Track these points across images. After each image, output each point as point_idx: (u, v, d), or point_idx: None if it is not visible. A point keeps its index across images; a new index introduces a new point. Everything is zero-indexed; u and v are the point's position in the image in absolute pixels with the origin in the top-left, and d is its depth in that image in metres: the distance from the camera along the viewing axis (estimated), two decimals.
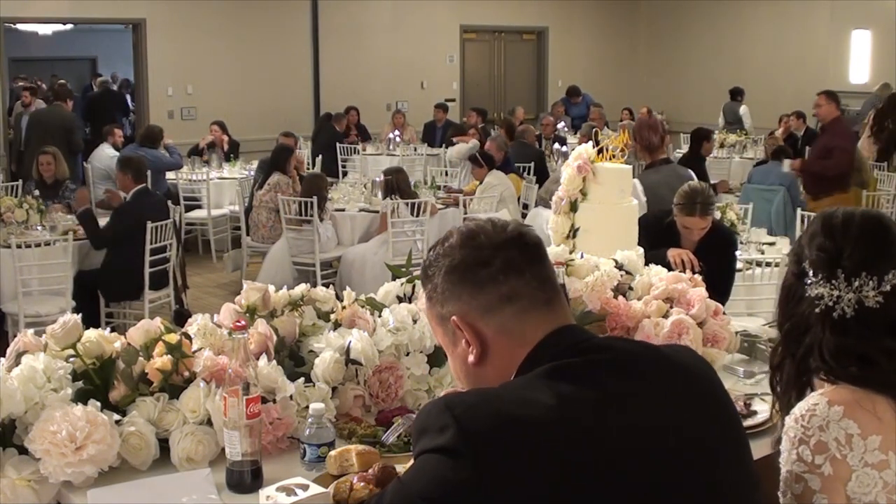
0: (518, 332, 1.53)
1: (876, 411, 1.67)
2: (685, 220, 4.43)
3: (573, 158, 3.92)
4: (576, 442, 1.36)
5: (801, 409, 1.71)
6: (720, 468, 1.49)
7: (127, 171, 6.89)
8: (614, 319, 2.86)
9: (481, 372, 1.56)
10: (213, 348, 2.34)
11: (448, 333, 1.60)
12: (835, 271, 1.74)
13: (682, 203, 4.46)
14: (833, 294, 1.74)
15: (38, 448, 2.04)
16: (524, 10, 15.74)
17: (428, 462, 1.37)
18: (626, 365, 1.50)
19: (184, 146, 11.15)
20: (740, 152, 12.08)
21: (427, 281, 1.62)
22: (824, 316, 1.74)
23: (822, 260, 1.76)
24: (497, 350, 1.54)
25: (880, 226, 1.80)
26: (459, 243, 1.58)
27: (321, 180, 8.14)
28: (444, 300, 1.58)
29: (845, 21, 14.08)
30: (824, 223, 1.81)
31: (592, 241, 3.69)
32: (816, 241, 1.79)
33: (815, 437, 1.66)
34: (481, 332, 1.54)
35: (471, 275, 1.54)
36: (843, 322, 1.73)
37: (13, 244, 6.17)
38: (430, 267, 1.60)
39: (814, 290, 1.76)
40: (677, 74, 16.27)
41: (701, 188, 4.55)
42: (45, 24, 15.37)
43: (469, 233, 1.59)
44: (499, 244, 1.56)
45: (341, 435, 2.32)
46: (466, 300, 1.55)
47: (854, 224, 1.79)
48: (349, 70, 13.84)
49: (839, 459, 1.65)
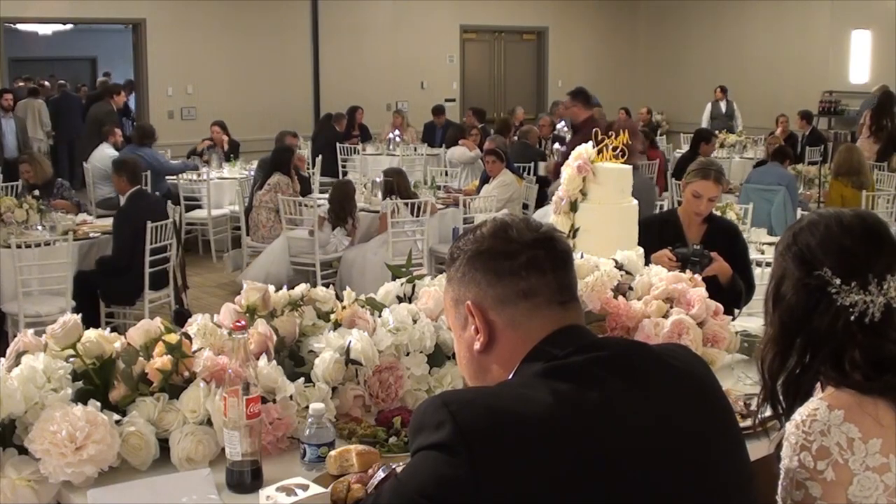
0: (526, 328, 1.54)
1: (877, 415, 1.66)
2: (698, 185, 4.39)
3: (573, 158, 3.92)
4: (572, 440, 1.37)
5: (802, 414, 1.70)
6: (716, 467, 1.49)
7: (122, 173, 6.89)
8: (614, 319, 2.86)
9: (484, 360, 1.58)
10: (213, 348, 2.34)
11: (459, 317, 1.62)
12: (866, 276, 1.71)
13: (697, 168, 4.46)
14: (867, 300, 1.70)
15: (38, 448, 2.04)
16: (524, 10, 15.75)
17: (425, 459, 1.37)
18: (622, 364, 1.50)
19: (184, 146, 11.17)
20: (740, 152, 12.08)
21: (451, 262, 1.64)
22: (856, 323, 1.70)
23: (851, 266, 1.72)
24: (503, 341, 1.55)
25: (883, 223, 1.80)
26: (491, 233, 1.60)
27: (350, 187, 8.12)
28: (462, 283, 1.60)
29: (845, 21, 14.09)
30: (835, 225, 1.76)
31: (592, 241, 3.69)
32: (835, 245, 1.74)
33: (816, 442, 1.66)
34: (492, 321, 1.56)
35: (494, 264, 1.56)
36: (874, 327, 1.70)
37: (13, 244, 6.16)
38: (457, 250, 1.63)
39: (847, 299, 1.70)
40: (677, 74, 16.27)
41: (714, 160, 4.59)
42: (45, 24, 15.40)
43: (502, 225, 1.61)
44: (528, 242, 1.57)
45: (341, 435, 2.32)
46: (484, 287, 1.56)
47: (868, 224, 1.77)
48: (349, 70, 13.85)
49: (841, 464, 1.64)
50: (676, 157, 11.30)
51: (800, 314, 1.75)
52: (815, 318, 1.73)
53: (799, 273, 1.76)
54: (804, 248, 1.77)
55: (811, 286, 1.74)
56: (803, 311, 1.75)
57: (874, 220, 1.80)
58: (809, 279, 1.74)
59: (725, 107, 14.53)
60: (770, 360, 1.81)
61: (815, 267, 1.74)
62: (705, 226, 4.48)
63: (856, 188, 8.56)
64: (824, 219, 1.80)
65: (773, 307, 1.81)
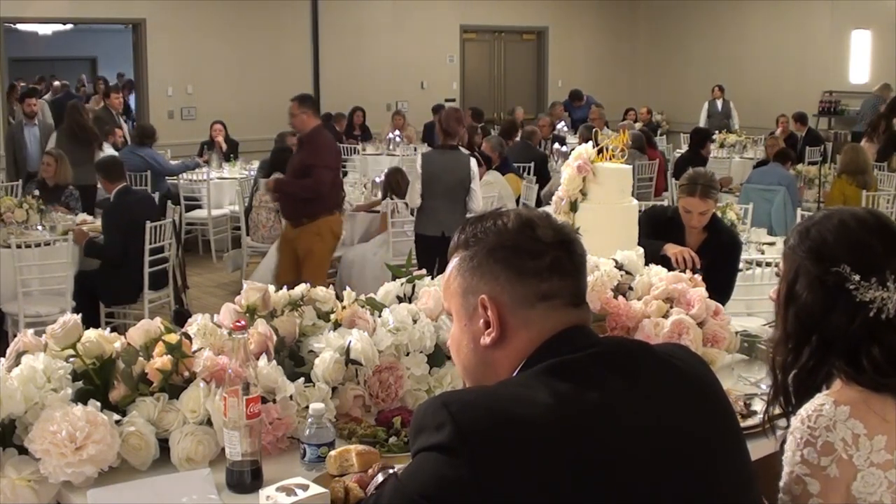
0: (539, 327, 1.52)
1: (883, 412, 1.66)
2: (686, 201, 4.41)
3: (573, 158, 3.92)
4: (573, 440, 1.37)
5: (808, 409, 1.69)
6: (717, 467, 1.49)
7: (100, 173, 6.92)
8: (614, 319, 2.86)
9: (490, 354, 1.55)
10: (213, 348, 2.34)
11: (467, 307, 1.57)
12: (884, 273, 1.70)
13: (684, 184, 4.46)
14: (885, 296, 1.69)
15: (38, 448, 2.04)
16: (524, 10, 15.74)
17: (425, 460, 1.37)
18: (623, 364, 1.50)
19: (184, 146, 11.17)
20: (740, 152, 12.09)
21: (464, 247, 1.58)
22: (874, 320, 1.69)
23: (870, 262, 1.70)
24: (514, 339, 1.53)
25: (893, 221, 1.79)
26: (516, 227, 1.55)
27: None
28: (476, 274, 1.55)
29: (845, 21, 14.09)
30: (852, 221, 1.75)
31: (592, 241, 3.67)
32: (853, 241, 1.72)
33: (821, 437, 1.65)
34: (506, 319, 1.53)
35: (518, 261, 1.53)
36: (889, 323, 1.69)
37: (13, 244, 6.17)
38: (475, 236, 1.57)
39: (866, 295, 1.69)
40: (677, 74, 16.27)
41: (704, 172, 4.59)
42: (45, 24, 15.38)
43: (528, 220, 1.56)
44: (553, 242, 1.55)
45: (341, 435, 2.32)
46: (503, 284, 1.53)
47: (883, 221, 1.76)
48: (349, 70, 13.84)
49: (845, 460, 1.64)
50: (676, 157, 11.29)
51: (818, 312, 1.72)
52: (833, 316, 1.71)
53: (815, 270, 1.72)
54: (819, 244, 1.74)
55: (829, 283, 1.71)
56: (821, 309, 1.72)
57: (886, 217, 1.80)
58: (827, 276, 1.71)
59: (722, 105, 14.55)
60: (783, 357, 1.78)
61: (832, 263, 1.71)
62: (705, 234, 4.49)
63: (859, 187, 8.57)
64: (837, 213, 1.77)
65: (787, 305, 1.77)
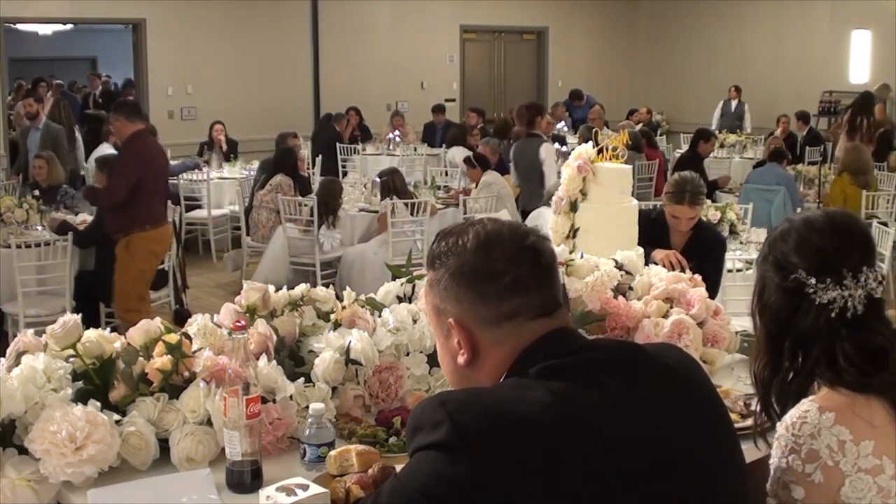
0: (511, 343, 1.53)
1: (870, 416, 1.66)
2: (674, 209, 4.40)
3: (573, 158, 3.92)
4: (569, 439, 1.37)
5: (793, 416, 1.70)
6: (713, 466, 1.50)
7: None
8: (614, 319, 2.86)
9: (470, 373, 1.56)
10: (213, 348, 2.34)
11: (442, 327, 1.60)
12: (840, 271, 1.73)
13: (671, 192, 4.43)
14: (844, 295, 1.72)
15: (38, 448, 2.04)
16: (524, 10, 15.74)
17: (424, 459, 1.38)
18: (620, 364, 1.51)
19: (184, 146, 11.16)
20: (740, 152, 12.08)
21: (431, 269, 1.60)
22: (838, 319, 1.72)
23: (823, 263, 1.74)
24: (488, 357, 1.55)
25: (853, 218, 1.83)
26: (474, 248, 1.54)
27: (336, 185, 8.15)
28: (443, 297, 1.57)
29: (845, 21, 14.08)
30: (804, 228, 1.79)
31: (592, 241, 3.70)
32: (806, 247, 1.77)
33: (806, 445, 1.66)
34: (476, 340, 1.54)
35: (478, 286, 1.53)
36: (856, 320, 1.72)
37: (13, 244, 6.17)
38: (438, 259, 1.58)
39: (824, 296, 1.73)
40: (677, 74, 16.27)
41: (691, 178, 4.47)
42: (45, 24, 15.38)
43: (486, 240, 1.55)
44: (513, 258, 1.53)
45: (341, 435, 2.32)
46: (467, 307, 1.54)
47: (837, 221, 1.79)
48: (349, 70, 13.83)
49: (831, 466, 1.64)
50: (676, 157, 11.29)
51: (783, 318, 1.78)
52: (798, 320, 1.76)
53: (777, 279, 1.79)
54: (779, 256, 1.80)
55: (789, 289, 1.77)
56: (786, 314, 1.78)
57: (843, 217, 1.83)
58: (786, 283, 1.77)
59: (736, 106, 14.47)
60: (761, 368, 1.83)
61: (790, 270, 1.77)
62: (690, 233, 4.47)
63: (860, 187, 8.57)
64: (794, 224, 1.83)
65: (759, 316, 1.84)
